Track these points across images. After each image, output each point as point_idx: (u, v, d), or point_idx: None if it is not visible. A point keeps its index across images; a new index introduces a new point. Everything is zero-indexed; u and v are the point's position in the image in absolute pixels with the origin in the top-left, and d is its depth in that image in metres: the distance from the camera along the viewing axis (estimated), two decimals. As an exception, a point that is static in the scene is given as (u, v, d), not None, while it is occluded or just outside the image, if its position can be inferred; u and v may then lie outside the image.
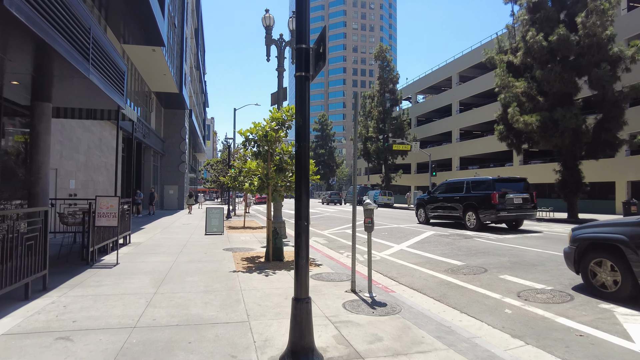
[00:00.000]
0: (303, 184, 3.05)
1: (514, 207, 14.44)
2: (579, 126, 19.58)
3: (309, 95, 3.13)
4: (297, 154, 3.06)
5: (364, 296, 5.43)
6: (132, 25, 16.74)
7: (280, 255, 8.25)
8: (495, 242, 11.38)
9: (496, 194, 14.27)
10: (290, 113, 8.12)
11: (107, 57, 7.62)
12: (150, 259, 8.10)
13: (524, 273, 7.20)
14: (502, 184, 14.93)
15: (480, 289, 6.21)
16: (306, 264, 3.10)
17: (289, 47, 12.90)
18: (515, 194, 14.64)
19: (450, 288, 6.36)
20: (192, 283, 6.03)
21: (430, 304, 5.52)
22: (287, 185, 8.45)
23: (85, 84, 7.16)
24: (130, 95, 20.99)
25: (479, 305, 5.42)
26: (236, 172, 16.24)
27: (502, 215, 14.13)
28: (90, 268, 7.03)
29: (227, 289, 5.67)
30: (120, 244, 10.02)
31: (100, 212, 7.38)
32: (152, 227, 15.52)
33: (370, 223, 5.42)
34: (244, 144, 8.04)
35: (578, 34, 19.43)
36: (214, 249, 9.73)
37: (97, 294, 5.26)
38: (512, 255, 9.08)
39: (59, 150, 11.59)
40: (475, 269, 7.67)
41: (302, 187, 3.05)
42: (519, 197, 14.67)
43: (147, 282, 6.09)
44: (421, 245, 10.89)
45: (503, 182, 15.20)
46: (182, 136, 32.60)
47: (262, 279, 6.39)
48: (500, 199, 14.20)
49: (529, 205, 14.85)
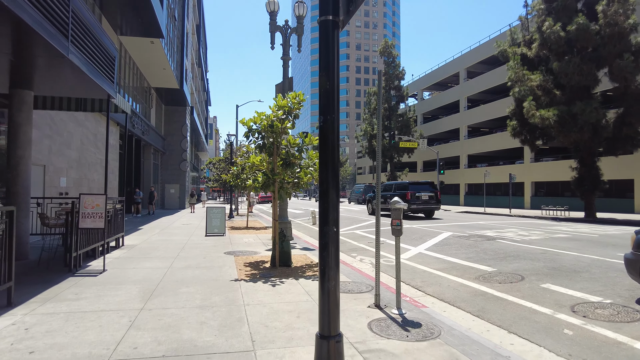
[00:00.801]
0: (330, 175, 2.16)
1: (422, 202, 20.39)
2: (599, 121, 18.59)
3: (337, 48, 2.24)
4: (322, 132, 2.17)
5: (391, 313, 4.53)
6: (129, 15, 15.88)
7: (287, 261, 7.37)
8: (522, 244, 10.45)
9: (409, 192, 20.26)
10: (298, 100, 7.23)
11: (92, 38, 6.75)
12: (143, 265, 7.23)
13: (569, 281, 6.27)
14: (414, 186, 20.95)
15: (523, 302, 5.30)
16: (336, 288, 2.21)
17: (294, 34, 12.02)
18: (423, 193, 20.45)
19: (487, 300, 5.45)
20: (187, 295, 5.15)
21: (469, 321, 4.62)
22: (295, 181, 7.55)
23: (66, 67, 6.30)
24: (128, 89, 20.15)
25: (529, 323, 4.52)
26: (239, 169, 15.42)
27: (413, 207, 20.08)
28: (73, 276, 6.16)
29: (228, 304, 4.78)
30: (112, 247, 9.17)
31: (85, 212, 6.51)
32: (149, 227, 14.67)
33: (399, 225, 4.52)
34: (246, 135, 7.15)
35: (598, 23, 18.43)
36: (214, 252, 8.85)
37: (72, 311, 4.38)
38: (547, 259, 8.16)
39: (47, 145, 10.75)
40: (510, 276, 6.75)
41: (330, 180, 2.16)
42: (426, 195, 20.57)
43: (135, 293, 5.21)
44: (441, 247, 9.98)
45: (415, 184, 21.32)
46: (183, 134, 31.76)
47: (269, 290, 5.50)
48: (412, 196, 20.18)
49: (434, 201, 20.64)
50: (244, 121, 7.18)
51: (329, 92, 2.16)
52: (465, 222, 17.96)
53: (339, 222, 2.20)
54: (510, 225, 16.76)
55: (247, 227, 15.03)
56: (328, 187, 2.15)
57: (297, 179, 7.56)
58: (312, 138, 7.33)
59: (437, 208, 20.80)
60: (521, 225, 16.50)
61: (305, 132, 7.71)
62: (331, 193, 2.14)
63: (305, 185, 7.71)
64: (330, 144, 2.16)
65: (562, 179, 28.85)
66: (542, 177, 31.77)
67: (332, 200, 2.14)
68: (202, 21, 50.69)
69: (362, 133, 47.03)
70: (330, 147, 2.16)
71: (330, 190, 2.14)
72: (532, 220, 20.20)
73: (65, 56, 5.61)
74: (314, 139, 7.33)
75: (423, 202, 20.24)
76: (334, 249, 2.14)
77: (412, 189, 20.52)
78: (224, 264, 7.46)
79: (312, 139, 7.32)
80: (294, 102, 7.22)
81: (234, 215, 22.70)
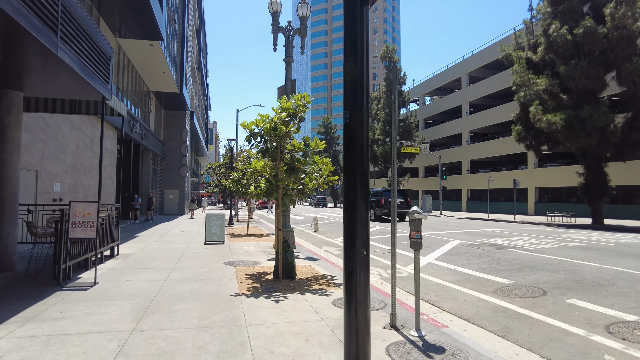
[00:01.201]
0: (359, 183, 1.74)
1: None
2: (607, 125, 18.21)
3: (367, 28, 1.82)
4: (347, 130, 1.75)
5: (410, 335, 4.08)
6: (128, 17, 15.54)
7: (291, 272, 6.91)
8: (535, 253, 10.00)
9: (383, 199, 23.37)
10: (303, 102, 6.81)
11: (85, 35, 6.35)
12: (137, 277, 6.78)
13: (596, 296, 5.83)
14: (387, 193, 23.91)
15: (550, 320, 4.85)
16: (367, 327, 1.77)
17: (297, 35, 11.65)
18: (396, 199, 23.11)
19: (510, 317, 5.00)
20: (183, 313, 4.70)
21: (494, 343, 4.18)
22: (300, 188, 7.12)
23: (57, 66, 5.89)
24: (127, 93, 19.79)
25: (562, 345, 4.07)
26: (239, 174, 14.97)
27: (386, 211, 23.26)
28: (61, 290, 5.71)
29: (229, 324, 4.33)
30: (106, 256, 8.72)
31: (75, 221, 6.07)
32: (147, 234, 14.21)
33: (418, 238, 4.08)
34: (248, 139, 6.73)
35: (606, 26, 18.09)
36: (213, 262, 8.40)
37: (54, 333, 3.93)
38: (566, 270, 7.71)
39: (40, 150, 10.32)
40: (530, 289, 6.30)
41: (358, 189, 1.73)
42: (398, 200, 23.21)
43: (127, 311, 4.76)
44: (451, 257, 9.53)
45: (388, 191, 24.34)
46: (182, 138, 31.38)
47: (273, 307, 5.05)
48: (385, 202, 23.24)
49: (405, 205, 23.63)
50: (245, 124, 6.76)
51: (356, 81, 1.74)
52: (471, 230, 17.51)
53: (369, 242, 1.77)
54: (519, 232, 16.31)
55: (247, 235, 14.58)
56: (356, 198, 1.72)
57: (302, 185, 7.13)
58: (319, 142, 6.91)
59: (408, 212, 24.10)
60: (530, 233, 16.05)
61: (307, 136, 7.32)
62: (360, 206, 1.71)
63: (311, 192, 7.28)
64: (359, 145, 1.74)
65: (566, 184, 28.44)
66: (546, 183, 31.33)
67: (361, 215, 1.72)
68: (203, 25, 50.51)
69: (363, 138, 46.68)
70: (358, 149, 1.74)
71: (359, 202, 1.71)
72: (539, 227, 19.74)
73: (55, 53, 5.20)
74: (320, 143, 6.92)
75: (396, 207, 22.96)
76: (363, 277, 1.72)
77: (386, 195, 23.78)
78: (223, 275, 7.01)
79: (319, 143, 6.89)
80: (299, 104, 6.81)
81: (234, 222, 22.24)
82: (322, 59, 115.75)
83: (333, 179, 7.26)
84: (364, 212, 1.71)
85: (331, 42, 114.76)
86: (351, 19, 1.81)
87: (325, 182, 7.28)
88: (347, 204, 1.73)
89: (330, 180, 7.33)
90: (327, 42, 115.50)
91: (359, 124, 1.73)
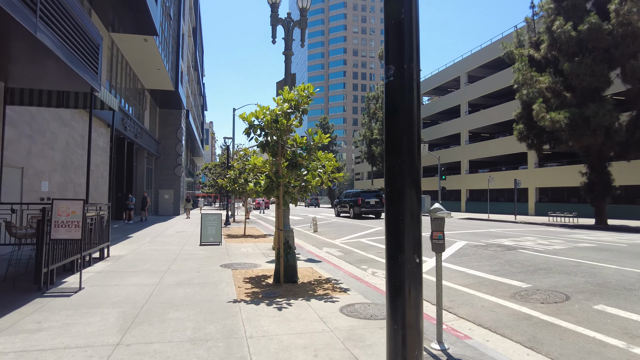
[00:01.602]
0: (407, 165, 1.27)
1: (369, 206, 25.84)
2: (612, 124, 17.85)
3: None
4: (389, 92, 1.27)
5: (431, 348, 3.61)
6: (121, 11, 15.00)
7: (293, 276, 6.44)
8: (547, 254, 9.58)
9: (360, 198, 25.96)
10: (307, 93, 6.34)
11: (70, 19, 5.86)
12: (127, 281, 6.28)
13: (625, 302, 5.39)
14: (364, 194, 26.52)
15: (581, 329, 4.40)
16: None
17: (297, 27, 11.18)
18: (371, 199, 26.04)
19: (535, 326, 4.55)
20: (176, 323, 4.21)
21: (524, 356, 3.73)
22: (303, 185, 6.65)
23: (38, 51, 5.40)
24: (120, 90, 19.24)
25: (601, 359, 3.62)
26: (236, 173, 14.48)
27: (363, 210, 25.71)
28: (41, 296, 5.21)
29: (226, 335, 3.85)
30: (96, 259, 8.21)
31: (59, 220, 5.56)
32: (140, 235, 13.68)
33: (441, 239, 3.62)
34: (247, 132, 6.24)
35: (610, 22, 17.75)
36: (209, 265, 7.91)
37: (25, 349, 3.43)
38: (585, 273, 7.28)
39: (26, 146, 9.79)
40: (551, 294, 5.86)
41: (406, 174, 1.26)
42: (373, 200, 26.02)
43: (113, 321, 4.27)
44: (460, 259, 9.08)
45: (365, 192, 27.01)
46: (178, 137, 30.81)
47: (275, 315, 4.57)
48: (362, 202, 25.80)
49: (379, 205, 26.06)
50: (244, 116, 6.28)
51: (402, 25, 1.27)
52: (475, 230, 17.09)
53: (421, 246, 1.30)
54: (524, 233, 15.91)
55: (244, 235, 14.07)
56: (403, 185, 1.24)
57: (304, 183, 6.66)
58: (323, 136, 6.43)
59: (382, 211, 26.25)
60: (535, 233, 15.65)
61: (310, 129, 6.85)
62: (409, 195, 1.24)
63: (314, 190, 6.81)
64: (406, 111, 1.26)
65: (568, 184, 28.13)
66: (546, 183, 31.02)
67: (410, 208, 1.23)
68: (199, 24, 49.93)
69: (361, 138, 46.29)
70: (404, 118, 1.26)
71: (408, 190, 1.24)
72: (543, 228, 19.37)
73: (33, 34, 4.71)
74: (324, 137, 6.45)
75: (371, 206, 25.91)
76: (414, 294, 1.23)
77: (363, 196, 26.39)
78: (220, 279, 6.52)
79: (323, 137, 6.42)
80: (302, 96, 6.33)
81: (230, 222, 21.73)
82: (319, 59, 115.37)
83: (338, 175, 6.81)
84: (415, 204, 1.23)
85: (328, 42, 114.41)
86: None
87: (329, 179, 6.82)
88: (390, 193, 1.26)
89: (335, 177, 6.86)
90: (324, 42, 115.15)
91: (407, 82, 1.26)
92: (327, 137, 6.42)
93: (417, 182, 1.25)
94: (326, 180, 6.76)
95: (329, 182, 6.86)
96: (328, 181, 6.82)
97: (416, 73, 1.30)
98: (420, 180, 1.27)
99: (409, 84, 1.28)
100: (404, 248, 1.21)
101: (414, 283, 1.21)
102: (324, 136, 6.43)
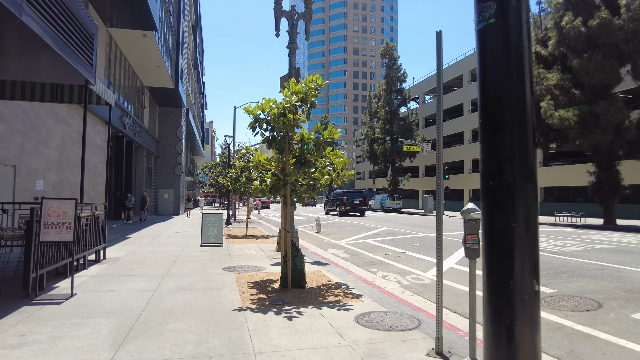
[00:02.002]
0: (516, 142, 0.85)
1: (354, 205, 28.96)
2: (623, 122, 17.43)
3: None
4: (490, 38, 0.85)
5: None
6: (120, 5, 14.58)
7: (301, 280, 6.01)
8: (565, 256, 9.15)
9: (345, 198, 29.04)
10: (315, 85, 5.91)
11: (61, 4, 5.43)
12: (123, 286, 5.85)
13: (663, 310, 4.96)
14: (349, 194, 29.65)
15: (624, 342, 3.98)
16: None
17: (302, 19, 10.75)
18: (355, 199, 29.16)
19: (570, 337, 4.13)
20: (175, 336, 3.79)
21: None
22: (311, 183, 6.22)
23: (26, 37, 4.97)
24: (119, 88, 18.81)
25: (656, 380, 3.20)
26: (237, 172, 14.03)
27: (348, 208, 28.83)
28: (29, 304, 4.78)
29: (232, 351, 3.43)
30: (91, 261, 7.78)
31: (49, 221, 5.14)
32: (139, 236, 13.25)
33: (476, 243, 3.19)
34: (252, 126, 5.81)
35: (621, 17, 17.31)
36: (211, 268, 7.48)
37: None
38: (611, 277, 6.85)
39: (19, 143, 9.37)
40: (580, 300, 5.43)
41: (516, 159, 0.85)
42: (357, 200, 29.22)
43: (105, 333, 3.84)
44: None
45: (350, 193, 30.36)
46: (178, 136, 30.36)
47: (285, 326, 4.14)
48: (347, 201, 28.88)
49: (363, 204, 29.33)
50: (249, 109, 5.86)
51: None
52: (481, 230, 16.66)
53: (538, 268, 0.88)
54: (532, 233, 15.48)
55: (246, 236, 13.65)
56: (514, 179, 0.81)
57: (312, 181, 6.24)
58: (333, 130, 6.01)
59: (366, 209, 30.69)
60: (546, 234, 15.24)
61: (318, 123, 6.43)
62: (521, 194, 0.83)
63: (323, 189, 6.38)
64: (517, 66, 0.84)
65: (573, 184, 27.70)
66: (552, 182, 30.60)
67: (525, 212, 0.81)
68: (199, 23, 49.48)
69: (363, 137, 45.80)
70: (511, 76, 0.84)
71: (520, 186, 0.83)
72: (552, 228, 18.96)
73: (18, 17, 4.28)
74: (335, 131, 6.02)
75: (355, 205, 29.08)
76: (530, 338, 0.81)
77: (348, 195, 29.42)
78: (223, 284, 6.09)
79: (333, 132, 5.99)
80: (310, 88, 5.90)
81: (232, 222, 21.31)
82: (320, 58, 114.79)
83: (348, 173, 6.38)
84: (532, 206, 0.81)
85: (328, 42, 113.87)
86: None
87: (339, 177, 6.40)
88: (493, 190, 0.85)
89: (345, 175, 6.44)
90: (325, 41, 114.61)
91: (515, 22, 0.85)
92: (338, 132, 6.00)
93: (532, 173, 0.84)
94: (336, 178, 6.33)
95: (339, 181, 6.44)
96: (338, 179, 6.40)
97: (525, 10, 0.90)
98: (536, 170, 0.87)
99: (517, 26, 0.87)
100: (516, 270, 0.80)
101: (529, 321, 0.80)
102: (335, 131, 6.01)
